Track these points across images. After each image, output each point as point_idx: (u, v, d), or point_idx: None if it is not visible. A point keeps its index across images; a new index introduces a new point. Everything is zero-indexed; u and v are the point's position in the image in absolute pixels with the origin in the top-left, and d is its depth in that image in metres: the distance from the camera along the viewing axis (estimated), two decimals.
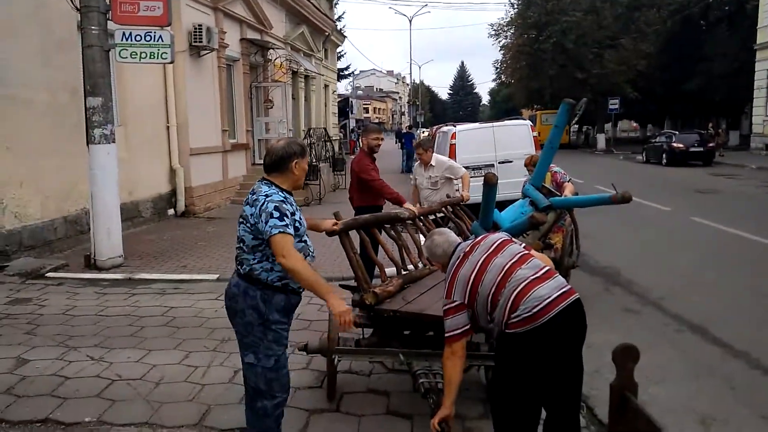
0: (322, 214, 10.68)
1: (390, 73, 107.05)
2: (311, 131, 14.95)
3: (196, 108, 11.57)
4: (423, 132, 27.15)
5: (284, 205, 2.80)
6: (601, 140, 33.59)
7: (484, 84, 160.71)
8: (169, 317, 5.56)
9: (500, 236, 3.09)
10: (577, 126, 42.49)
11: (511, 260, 2.89)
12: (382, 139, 6.17)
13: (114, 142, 7.11)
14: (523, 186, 6.23)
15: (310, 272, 2.82)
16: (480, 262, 2.91)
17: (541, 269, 2.89)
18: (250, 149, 14.72)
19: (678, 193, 14.65)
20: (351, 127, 34.24)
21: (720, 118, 34.63)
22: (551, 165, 6.29)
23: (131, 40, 6.76)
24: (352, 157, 8.60)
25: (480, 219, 4.79)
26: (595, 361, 4.66)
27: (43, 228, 7.92)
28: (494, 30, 40.71)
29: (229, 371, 4.24)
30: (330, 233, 3.71)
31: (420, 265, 4.49)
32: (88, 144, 7.07)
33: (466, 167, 11.31)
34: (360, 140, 6.36)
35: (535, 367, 2.81)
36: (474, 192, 9.44)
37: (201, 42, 11.06)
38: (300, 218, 2.95)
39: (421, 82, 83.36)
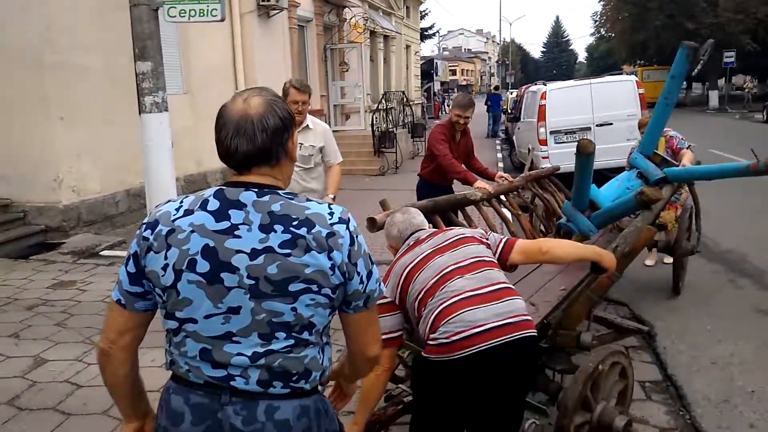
0: (400, 185, 9.88)
1: (479, 32, 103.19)
2: (387, 95, 14.07)
3: (266, 72, 10.96)
4: (510, 93, 25.47)
5: None
6: (713, 97, 30.32)
7: (580, 39, 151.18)
8: None
9: (464, 232, 2.47)
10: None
11: (456, 264, 2.26)
12: (468, 117, 4.95)
13: (167, 110, 6.57)
14: (630, 154, 5.19)
15: None
16: (423, 255, 2.33)
17: (492, 285, 2.20)
18: (325, 115, 14.06)
19: None
20: (435, 90, 32.92)
21: None
22: (666, 128, 5.15)
23: None
24: (437, 121, 7.77)
25: (573, 197, 3.97)
26: (724, 385, 3.62)
27: (103, 202, 7.64)
28: None
29: None
30: (371, 228, 3.09)
31: None
32: (140, 113, 6.59)
33: (558, 131, 10.24)
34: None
35: (446, 410, 2.19)
36: (567, 159, 8.31)
37: (269, 1, 10.37)
38: None
39: (512, 41, 79.78)
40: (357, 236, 1.43)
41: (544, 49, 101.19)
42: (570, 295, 2.97)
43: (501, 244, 2.43)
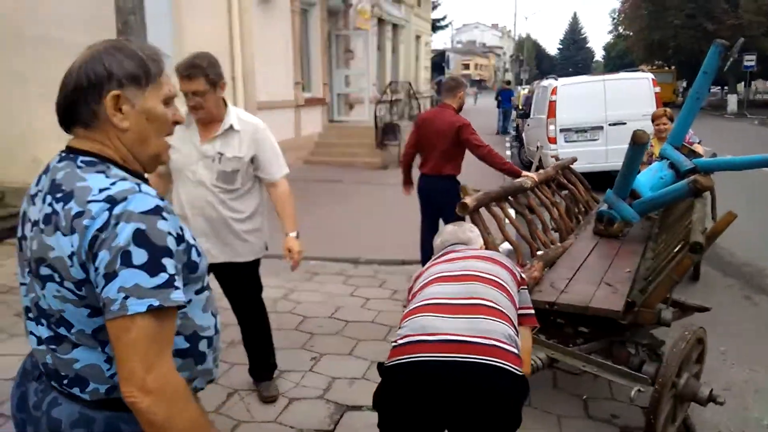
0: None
1: (494, 26, 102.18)
2: (393, 85, 13.60)
3: (265, 57, 10.56)
4: (523, 89, 24.87)
5: (160, 224, 1.13)
6: (732, 102, 29.60)
7: (598, 37, 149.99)
8: None
9: (491, 254, 2.26)
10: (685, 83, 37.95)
11: (448, 273, 2.10)
12: None
13: None
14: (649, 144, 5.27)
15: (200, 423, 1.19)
16: (433, 264, 2.24)
17: (471, 299, 1.93)
18: (327, 104, 13.63)
19: None
20: None
21: None
22: None
23: None
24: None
25: (616, 185, 4.13)
26: (737, 416, 3.20)
27: None
28: None
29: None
30: (462, 212, 3.17)
31: (551, 243, 4.07)
32: None
33: (568, 129, 9.75)
34: (443, 95, 4.95)
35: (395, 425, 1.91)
36: (581, 157, 7.77)
37: None
38: (193, 244, 1.25)
39: (528, 36, 78.95)
40: (121, 223, 1.10)
41: (561, 46, 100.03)
42: (637, 275, 3.30)
43: (526, 311, 2.19)
